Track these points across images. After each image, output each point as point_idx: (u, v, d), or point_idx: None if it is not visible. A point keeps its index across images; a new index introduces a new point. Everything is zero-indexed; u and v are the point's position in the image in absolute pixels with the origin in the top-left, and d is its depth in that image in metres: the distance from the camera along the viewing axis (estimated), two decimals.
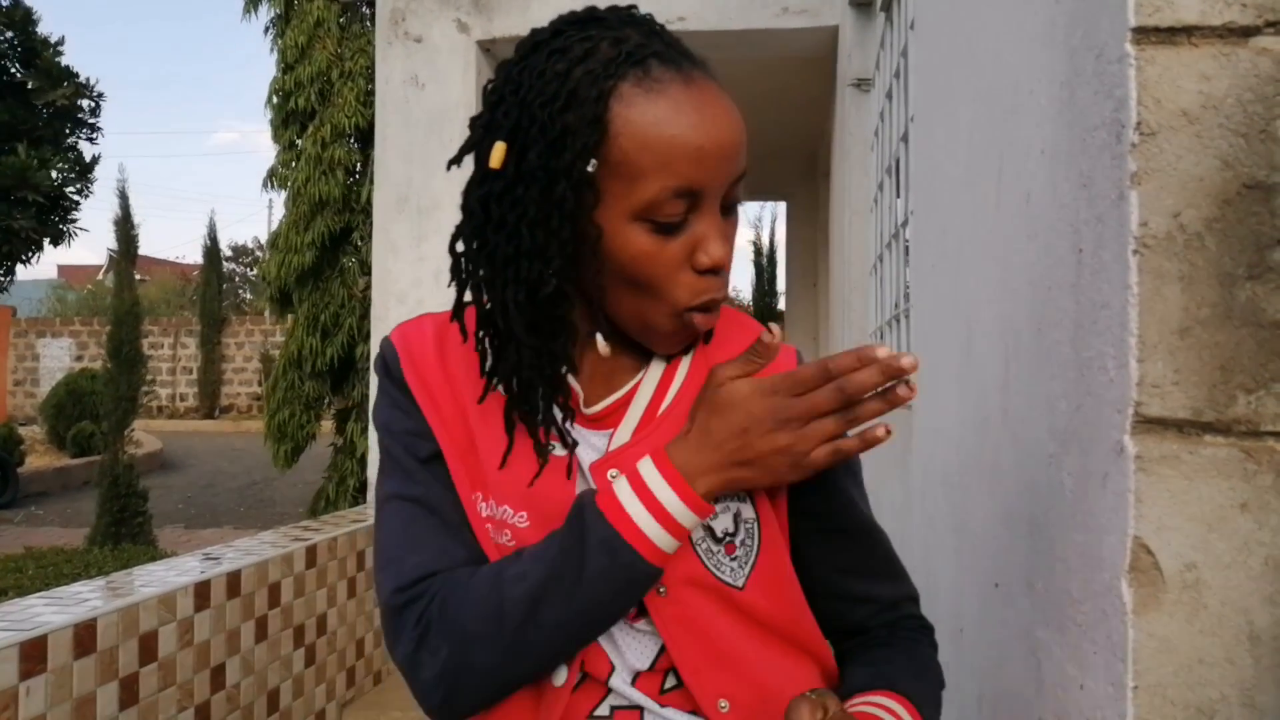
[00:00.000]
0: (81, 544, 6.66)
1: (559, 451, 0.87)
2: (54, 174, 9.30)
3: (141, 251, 7.70)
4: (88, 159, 10.03)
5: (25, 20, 9.35)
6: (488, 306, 0.85)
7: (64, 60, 9.75)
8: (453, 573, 0.85)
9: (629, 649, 0.87)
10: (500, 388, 0.87)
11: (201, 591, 2.62)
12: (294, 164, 5.91)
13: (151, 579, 2.61)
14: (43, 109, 9.60)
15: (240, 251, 33.62)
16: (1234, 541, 0.72)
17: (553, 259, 0.80)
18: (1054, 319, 0.93)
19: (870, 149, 3.53)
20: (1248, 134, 0.71)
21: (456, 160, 0.86)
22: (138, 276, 8.48)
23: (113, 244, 7.35)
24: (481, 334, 0.87)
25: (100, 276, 30.67)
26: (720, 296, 0.84)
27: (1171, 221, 0.72)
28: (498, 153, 0.80)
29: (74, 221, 9.99)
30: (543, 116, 0.78)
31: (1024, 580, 1.02)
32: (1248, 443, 0.72)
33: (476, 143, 0.84)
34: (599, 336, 0.85)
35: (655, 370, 0.90)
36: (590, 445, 0.89)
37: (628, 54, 0.79)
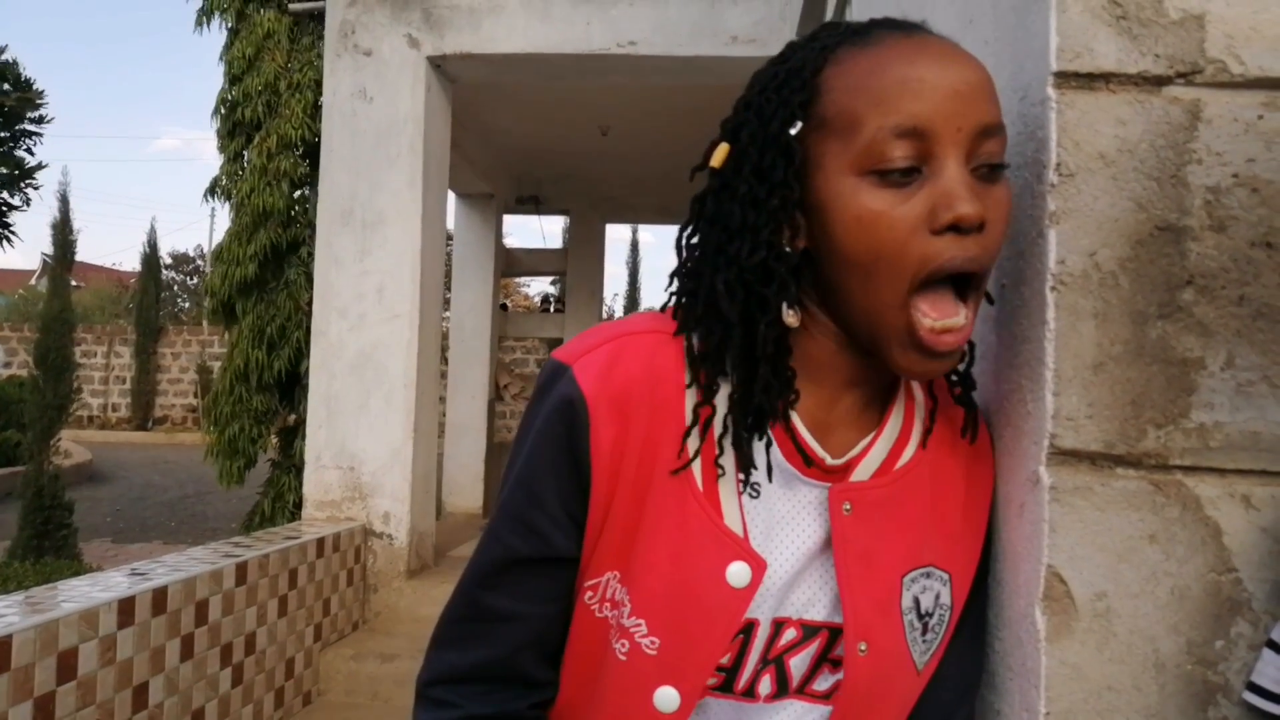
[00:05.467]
0: (1, 557, 6.44)
1: (733, 519, 0.78)
2: None
3: (78, 257, 7.51)
4: (28, 165, 9.77)
5: None
6: (700, 313, 0.77)
7: (8, 63, 9.50)
8: None
9: None
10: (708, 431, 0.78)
11: (125, 608, 2.55)
12: (239, 175, 5.82)
13: (73, 594, 2.54)
14: None
15: (181, 260, 32.94)
16: (1142, 571, 0.74)
17: (762, 229, 0.74)
18: (977, 351, 0.95)
19: None
20: (1160, 178, 0.74)
21: (694, 174, 0.82)
22: (73, 282, 8.26)
23: (48, 248, 7.15)
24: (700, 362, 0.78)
25: (34, 281, 29.87)
26: (962, 262, 0.71)
27: (1088, 260, 0.75)
28: (719, 153, 0.78)
29: (8, 227, 9.72)
30: (759, 100, 0.76)
31: None
32: (1157, 476, 0.74)
33: (707, 154, 0.79)
34: (784, 305, 0.75)
35: (895, 422, 0.83)
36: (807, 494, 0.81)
37: (852, 30, 0.75)
